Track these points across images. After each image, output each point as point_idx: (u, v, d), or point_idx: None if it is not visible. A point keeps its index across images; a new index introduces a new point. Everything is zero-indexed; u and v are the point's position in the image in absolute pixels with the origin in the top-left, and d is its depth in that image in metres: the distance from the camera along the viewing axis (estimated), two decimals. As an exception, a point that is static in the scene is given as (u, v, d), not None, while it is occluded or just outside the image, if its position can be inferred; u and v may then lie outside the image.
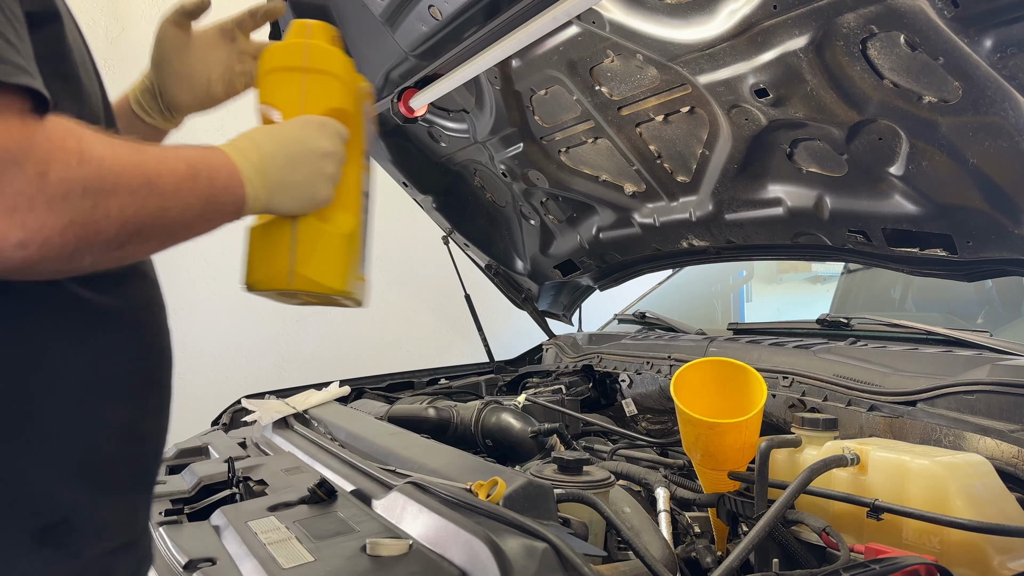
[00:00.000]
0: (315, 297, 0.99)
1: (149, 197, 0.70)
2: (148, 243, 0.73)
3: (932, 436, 1.43)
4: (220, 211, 0.80)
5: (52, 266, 0.65)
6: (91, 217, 0.65)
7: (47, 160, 0.61)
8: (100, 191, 0.65)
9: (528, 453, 1.87)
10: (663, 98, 1.82)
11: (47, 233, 0.62)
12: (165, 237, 0.75)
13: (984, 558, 1.08)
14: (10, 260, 0.61)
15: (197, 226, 0.78)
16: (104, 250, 0.68)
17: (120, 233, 0.68)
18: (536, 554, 0.96)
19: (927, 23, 1.24)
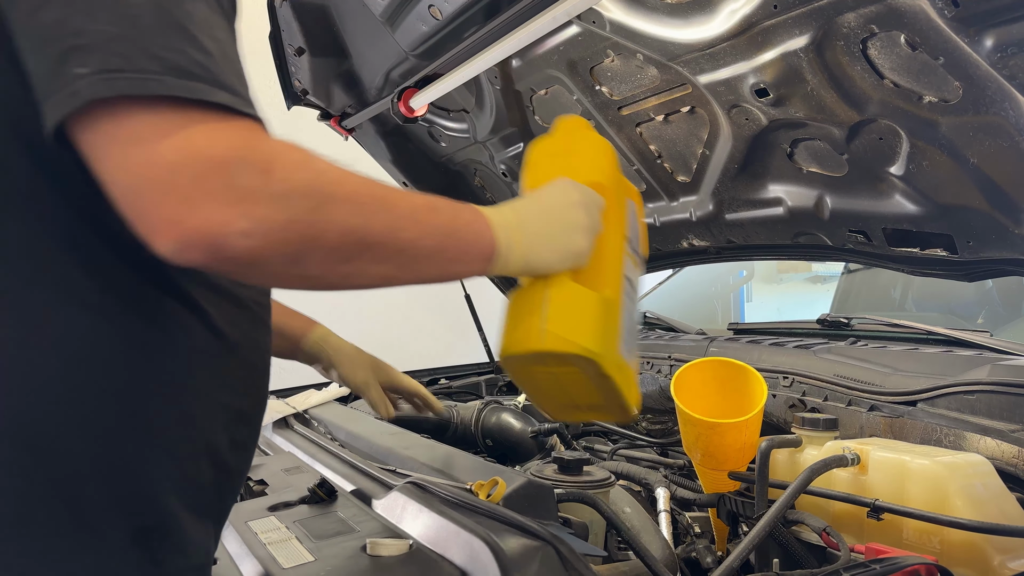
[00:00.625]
0: (573, 372, 0.92)
1: (379, 213, 0.71)
2: (380, 264, 0.73)
3: (932, 436, 1.42)
4: (464, 250, 0.81)
5: (278, 265, 0.66)
6: (312, 218, 0.66)
7: (271, 160, 0.65)
8: (322, 195, 0.67)
9: (528, 453, 1.87)
10: (663, 98, 1.82)
11: (269, 226, 0.63)
12: (401, 262, 0.75)
13: (984, 558, 1.08)
14: (236, 248, 0.63)
15: (437, 260, 0.78)
16: (330, 259, 0.69)
17: (344, 242, 0.69)
18: (536, 554, 0.95)
19: (927, 23, 1.24)
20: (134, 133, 0.61)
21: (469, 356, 2.98)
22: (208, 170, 0.61)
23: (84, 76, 0.59)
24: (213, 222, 0.61)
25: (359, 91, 2.29)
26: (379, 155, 2.62)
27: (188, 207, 0.61)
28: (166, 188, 0.61)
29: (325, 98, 2.35)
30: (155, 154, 0.60)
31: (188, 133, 0.61)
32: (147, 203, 0.61)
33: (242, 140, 0.64)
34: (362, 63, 2.18)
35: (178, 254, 0.62)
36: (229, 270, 0.66)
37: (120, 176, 0.62)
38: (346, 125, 2.42)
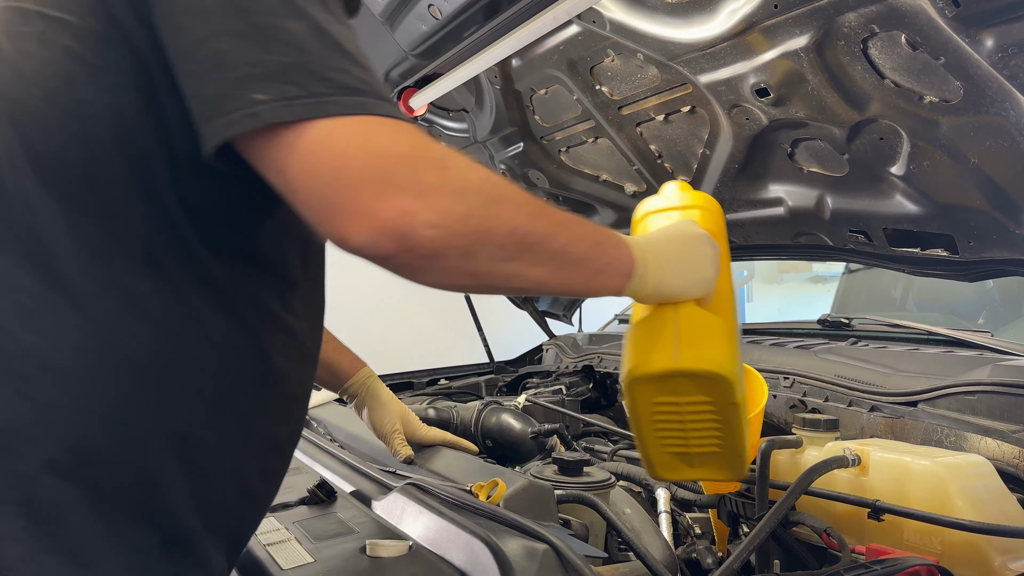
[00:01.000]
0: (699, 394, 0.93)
1: (539, 216, 0.76)
2: (537, 266, 0.77)
3: (933, 437, 1.42)
4: (608, 262, 0.85)
5: (453, 259, 0.70)
6: (485, 213, 0.71)
7: (446, 159, 0.70)
8: (492, 195, 0.72)
9: (528, 454, 1.87)
10: (664, 97, 1.81)
11: (450, 218, 0.68)
12: (555, 265, 0.78)
13: (985, 559, 1.07)
14: (421, 238, 0.67)
15: (585, 268, 0.82)
16: (496, 256, 0.73)
17: (509, 240, 0.73)
18: (536, 555, 0.95)
19: (928, 23, 1.24)
20: (317, 143, 0.65)
21: (469, 356, 2.98)
22: (394, 166, 0.66)
23: (265, 102, 0.65)
24: (402, 212, 0.66)
25: (359, 91, 2.29)
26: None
27: (379, 200, 0.65)
28: (358, 184, 0.65)
29: (325, 98, 2.34)
30: (343, 156, 0.65)
31: (368, 136, 0.66)
32: (341, 200, 0.65)
33: (417, 140, 0.69)
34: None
35: (370, 245, 0.66)
36: (410, 262, 0.69)
37: (308, 180, 0.66)
38: (346, 125, 2.42)
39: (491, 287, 0.77)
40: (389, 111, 0.69)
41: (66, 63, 0.73)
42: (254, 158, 0.69)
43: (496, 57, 1.66)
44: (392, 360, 3.34)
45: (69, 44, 0.73)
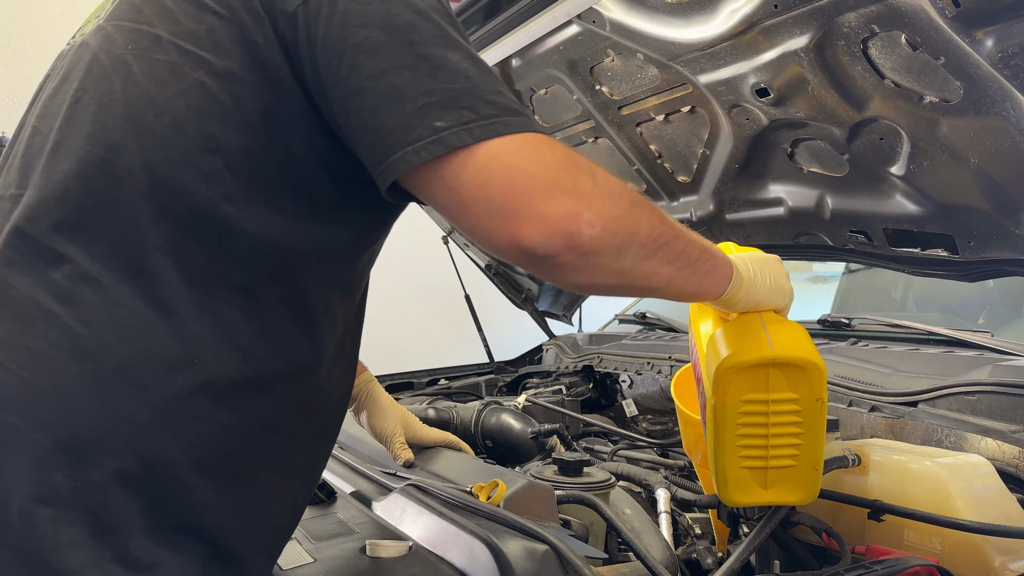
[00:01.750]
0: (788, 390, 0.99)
1: (664, 220, 0.83)
2: (667, 264, 0.83)
3: (933, 437, 1.42)
4: (715, 266, 0.92)
5: (606, 258, 0.76)
6: (631, 215, 0.78)
7: (593, 168, 0.77)
8: (631, 198, 0.79)
9: (528, 454, 1.87)
10: (663, 97, 1.81)
11: (606, 218, 0.75)
12: (680, 264, 0.85)
13: (986, 559, 1.07)
14: (584, 237, 0.73)
15: (698, 270, 0.89)
16: (640, 254, 0.79)
17: (649, 239, 0.80)
18: (536, 556, 0.95)
19: (928, 23, 1.24)
20: (491, 158, 0.72)
21: (469, 356, 2.98)
22: (558, 175, 0.73)
23: (445, 128, 0.71)
24: (569, 214, 0.72)
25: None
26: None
27: (550, 204, 0.72)
28: (531, 191, 0.72)
29: (325, 98, 2.34)
30: (516, 168, 0.72)
31: (533, 150, 0.74)
32: (516, 206, 0.72)
33: (568, 151, 0.77)
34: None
35: (542, 244, 0.72)
36: (571, 260, 0.74)
37: (482, 192, 0.72)
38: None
39: (629, 287, 0.83)
40: (539, 127, 0.76)
41: (199, 97, 0.76)
42: (420, 180, 0.74)
43: (496, 57, 1.66)
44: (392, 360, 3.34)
45: (204, 80, 0.77)
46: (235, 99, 0.77)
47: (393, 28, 0.74)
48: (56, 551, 0.69)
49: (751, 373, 0.99)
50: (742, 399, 1.00)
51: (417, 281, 4.06)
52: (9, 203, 0.80)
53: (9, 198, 0.81)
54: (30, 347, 0.73)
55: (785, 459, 1.02)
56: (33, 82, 0.94)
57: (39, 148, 0.81)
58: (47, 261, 0.75)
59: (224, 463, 0.78)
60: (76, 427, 0.71)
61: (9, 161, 0.86)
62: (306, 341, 0.83)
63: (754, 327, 1.00)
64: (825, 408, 1.01)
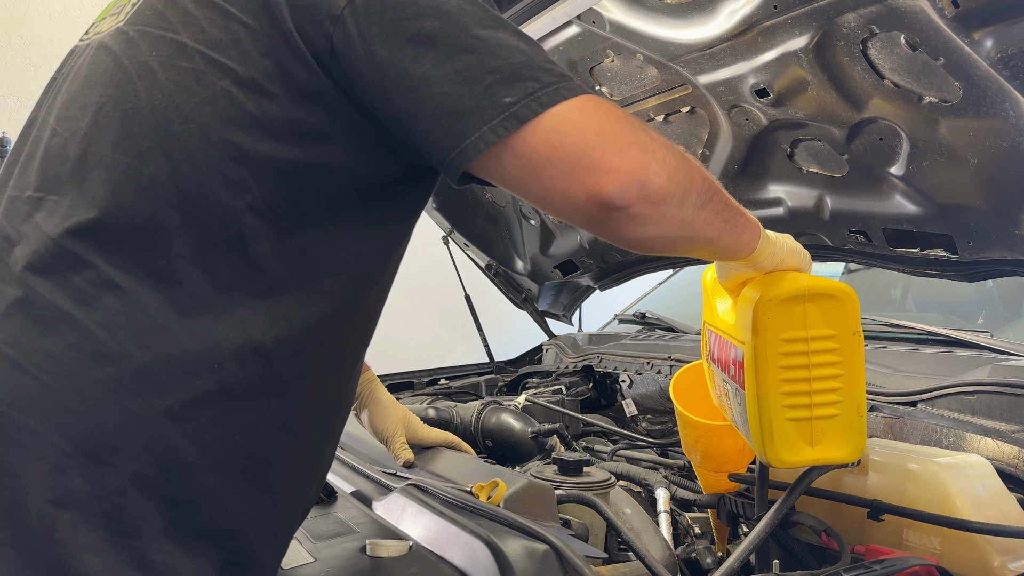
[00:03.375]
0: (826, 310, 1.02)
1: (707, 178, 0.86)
2: (718, 214, 0.87)
3: (933, 437, 1.42)
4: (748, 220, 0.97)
5: (672, 207, 0.80)
6: (687, 166, 0.81)
7: (645, 124, 0.80)
8: (682, 152, 0.83)
9: (528, 454, 1.87)
10: (663, 98, 1.81)
11: (670, 167, 0.78)
12: (726, 215, 0.90)
13: (985, 559, 1.07)
14: (653, 185, 0.76)
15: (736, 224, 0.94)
16: (697, 203, 0.82)
17: (703, 188, 0.83)
18: (536, 555, 0.95)
19: (927, 23, 1.24)
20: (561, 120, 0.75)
21: (469, 356, 2.98)
22: (622, 130, 0.76)
23: (514, 102, 0.74)
24: (639, 164, 0.76)
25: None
26: (379, 155, 2.62)
27: (622, 157, 0.75)
28: (603, 147, 0.75)
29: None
30: (586, 128, 0.75)
31: (595, 110, 0.76)
32: (592, 162, 0.75)
33: (622, 111, 0.79)
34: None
35: (620, 194, 0.75)
36: (643, 211, 0.78)
37: (556, 153, 0.75)
38: (346, 125, 2.42)
39: (689, 238, 0.86)
40: (590, 90, 0.79)
41: (225, 106, 0.77)
42: (492, 158, 0.76)
43: (496, 57, 1.66)
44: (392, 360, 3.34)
45: (229, 89, 0.77)
46: (261, 109, 0.77)
47: (445, 15, 0.76)
48: (74, 555, 0.69)
49: (789, 308, 1.01)
50: (782, 338, 1.02)
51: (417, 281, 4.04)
52: (28, 205, 0.80)
53: (27, 200, 0.81)
54: (50, 351, 0.73)
55: (829, 407, 1.03)
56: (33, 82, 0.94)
57: (61, 152, 0.81)
58: (69, 266, 0.75)
59: (243, 467, 0.78)
60: (95, 431, 0.71)
61: (23, 160, 0.85)
62: (328, 346, 0.84)
63: (782, 275, 1.05)
64: (862, 344, 1.03)
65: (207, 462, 0.75)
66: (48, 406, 0.72)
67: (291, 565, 1.04)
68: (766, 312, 1.01)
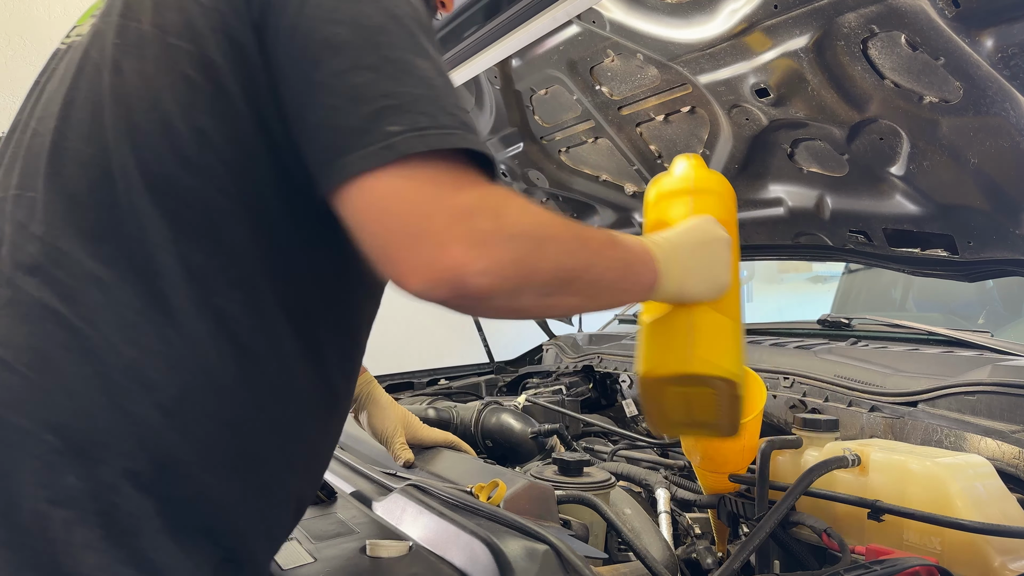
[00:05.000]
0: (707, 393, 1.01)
1: (579, 251, 0.79)
2: (574, 296, 0.80)
3: (933, 437, 1.42)
4: (636, 281, 0.88)
5: (500, 300, 0.73)
6: (532, 257, 0.74)
7: (502, 207, 0.72)
8: (540, 237, 0.75)
9: (528, 454, 1.87)
10: (663, 98, 1.81)
11: (501, 265, 0.71)
12: (588, 294, 0.82)
13: (985, 559, 1.07)
14: (474, 286, 0.69)
15: (614, 291, 0.86)
16: (539, 293, 0.76)
17: (553, 278, 0.76)
18: (537, 556, 0.95)
19: (928, 23, 1.24)
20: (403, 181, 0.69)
21: (469, 356, 2.98)
22: (455, 217, 0.69)
23: (398, 133, 0.68)
24: (458, 264, 0.68)
25: (359, 91, 2.29)
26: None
27: (438, 253, 0.68)
28: (425, 232, 0.68)
29: (325, 98, 2.34)
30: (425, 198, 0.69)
31: (453, 178, 0.70)
32: (398, 252, 0.69)
33: (481, 189, 0.72)
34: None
35: (426, 292, 0.69)
36: (461, 305, 0.72)
37: (375, 227, 0.70)
38: (346, 125, 2.42)
39: (526, 318, 0.82)
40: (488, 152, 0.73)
41: (185, 91, 0.76)
42: (337, 199, 0.71)
43: (496, 57, 1.66)
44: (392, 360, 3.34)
45: (188, 73, 0.76)
46: (218, 88, 0.76)
47: (362, 28, 0.72)
48: (69, 553, 0.69)
49: (671, 380, 1.01)
50: (665, 389, 1.03)
51: (417, 281, 4.04)
52: (11, 204, 0.80)
53: (11, 199, 0.81)
54: (38, 348, 0.73)
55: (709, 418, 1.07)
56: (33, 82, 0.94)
57: (39, 149, 0.81)
58: (53, 262, 0.75)
59: (236, 463, 0.77)
60: (86, 428, 0.71)
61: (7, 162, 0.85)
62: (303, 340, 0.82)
63: (680, 329, 1.00)
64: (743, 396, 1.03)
65: (200, 458, 0.75)
66: (38, 404, 0.71)
67: (291, 565, 1.04)
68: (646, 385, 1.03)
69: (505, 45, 1.61)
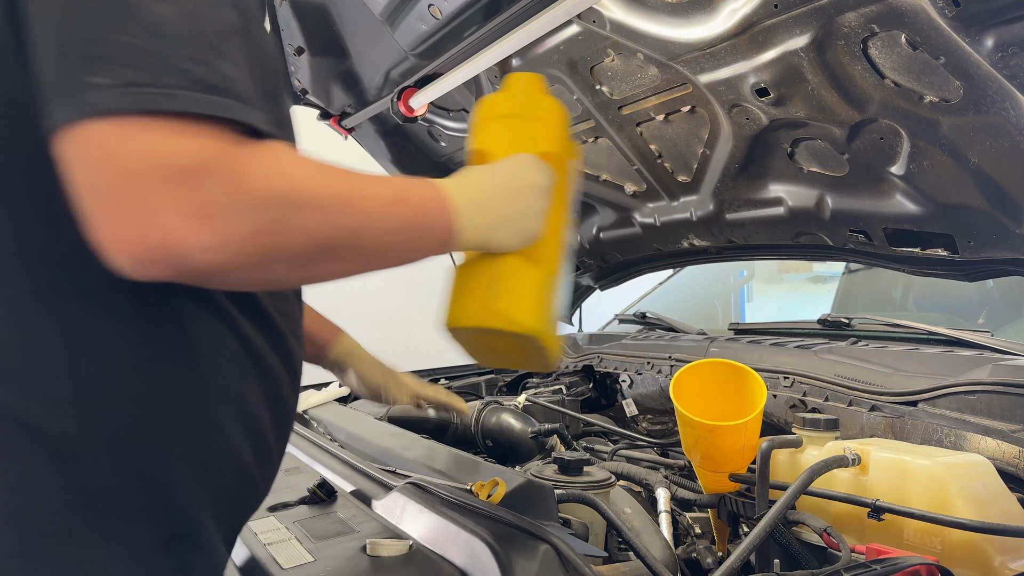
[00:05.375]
0: (511, 340, 0.97)
1: (348, 216, 0.72)
2: (341, 263, 0.74)
3: (933, 436, 1.42)
4: (425, 239, 0.82)
5: (241, 275, 0.68)
6: (278, 228, 0.66)
7: (244, 171, 0.63)
8: (291, 204, 0.66)
9: (528, 453, 1.87)
10: (664, 97, 1.81)
11: (234, 240, 0.63)
12: (360, 259, 0.76)
13: (985, 558, 1.07)
14: (198, 263, 0.62)
15: (399, 252, 0.80)
16: (292, 264, 0.69)
17: (310, 249, 0.69)
18: (537, 555, 0.95)
19: (928, 22, 1.24)
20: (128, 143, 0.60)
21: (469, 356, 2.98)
22: (173, 181, 0.60)
23: (105, 87, 0.59)
24: (175, 237, 0.60)
25: (359, 91, 2.29)
26: (379, 155, 2.62)
27: (148, 221, 0.59)
28: (120, 199, 0.59)
29: (325, 98, 2.35)
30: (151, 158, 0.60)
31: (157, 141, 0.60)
32: (101, 214, 0.60)
33: (212, 150, 0.62)
34: (362, 62, 2.18)
35: (136, 269, 0.62)
36: (192, 281, 0.66)
37: (78, 184, 0.61)
38: (346, 125, 2.42)
39: (286, 287, 0.78)
40: (242, 116, 0.64)
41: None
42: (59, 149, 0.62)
43: (496, 57, 1.66)
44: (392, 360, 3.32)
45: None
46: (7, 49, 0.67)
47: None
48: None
49: (472, 331, 0.97)
50: (469, 336, 1.01)
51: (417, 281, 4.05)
52: None
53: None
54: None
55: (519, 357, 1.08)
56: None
57: None
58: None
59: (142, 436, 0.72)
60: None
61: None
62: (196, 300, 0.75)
63: (485, 278, 0.94)
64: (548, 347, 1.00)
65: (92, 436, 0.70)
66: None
67: (291, 564, 1.04)
68: (450, 332, 1.00)
69: (505, 45, 1.60)
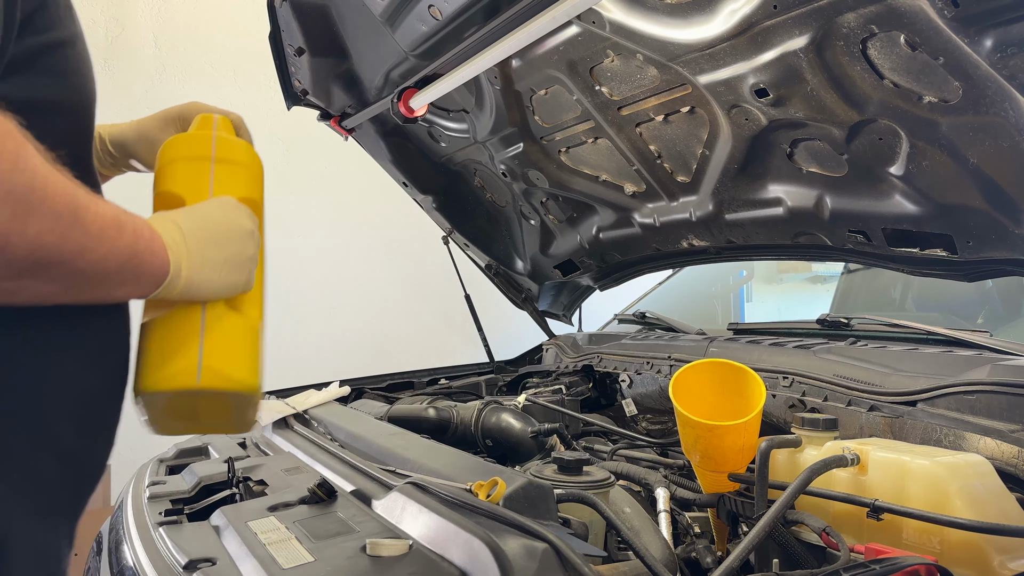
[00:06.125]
0: (219, 400, 0.87)
1: (72, 230, 0.64)
2: (51, 283, 0.66)
3: (932, 436, 1.42)
4: (141, 273, 0.74)
5: None
6: (4, 229, 0.59)
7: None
8: (24, 204, 0.59)
9: (528, 453, 1.87)
10: (663, 98, 1.82)
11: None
12: (71, 283, 0.68)
13: (984, 558, 1.07)
14: None
15: (108, 284, 0.72)
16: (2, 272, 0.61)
17: (28, 257, 0.61)
18: (536, 554, 0.95)
19: (927, 23, 1.24)
20: None
21: (469, 356, 2.99)
22: None
23: None
24: None
25: (359, 91, 2.29)
26: (379, 155, 2.62)
27: None
28: None
29: (325, 98, 2.35)
30: None
31: None
32: None
33: None
34: (362, 63, 2.18)
35: None
36: None
37: None
38: (346, 125, 2.42)
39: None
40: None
41: None
42: None
43: (496, 58, 1.66)
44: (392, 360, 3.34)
45: None
46: None
47: None
48: None
49: (176, 395, 0.85)
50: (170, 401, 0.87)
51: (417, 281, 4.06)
52: None
53: None
54: None
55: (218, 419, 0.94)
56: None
57: None
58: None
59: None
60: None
61: None
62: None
63: (189, 332, 0.84)
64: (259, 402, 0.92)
65: None
66: None
67: (291, 564, 1.04)
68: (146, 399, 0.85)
69: (505, 45, 1.60)
